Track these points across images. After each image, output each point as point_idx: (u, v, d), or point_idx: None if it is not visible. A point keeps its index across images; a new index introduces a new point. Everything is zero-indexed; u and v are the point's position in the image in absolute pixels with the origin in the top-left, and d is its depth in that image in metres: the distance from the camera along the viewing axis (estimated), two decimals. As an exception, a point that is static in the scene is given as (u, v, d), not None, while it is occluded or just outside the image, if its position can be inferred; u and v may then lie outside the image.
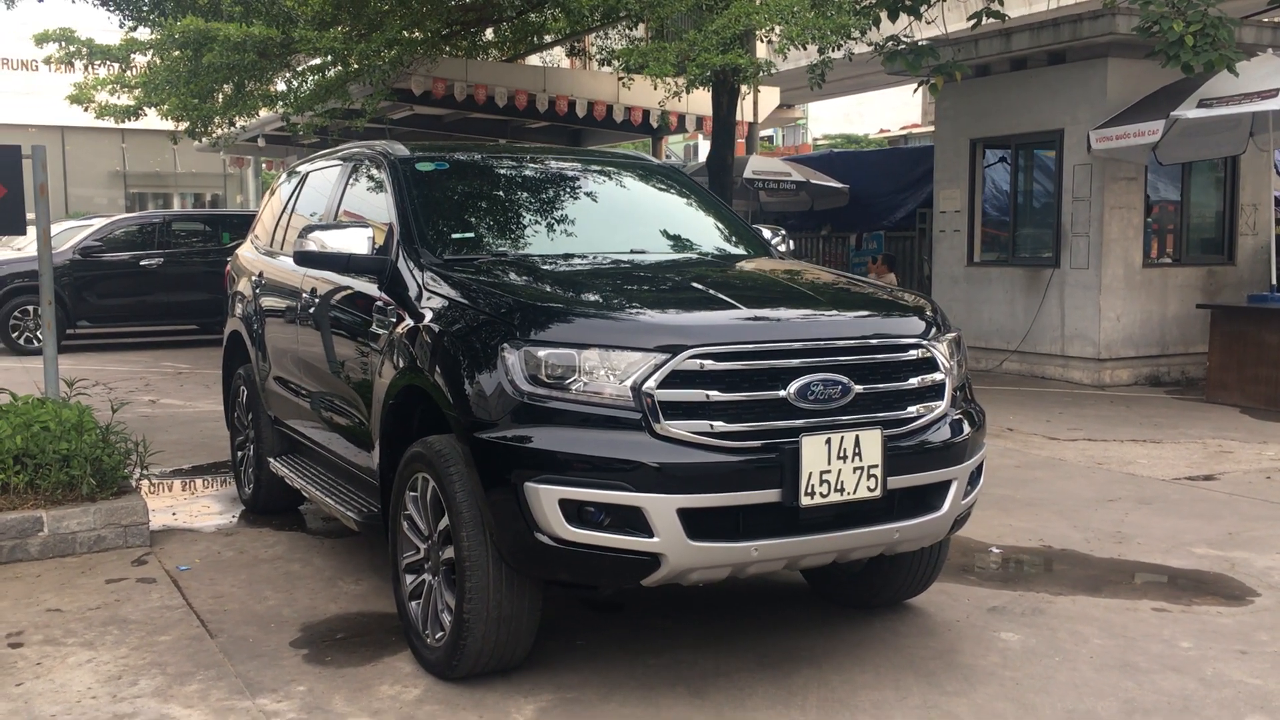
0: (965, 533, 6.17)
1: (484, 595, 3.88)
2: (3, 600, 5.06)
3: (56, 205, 38.04)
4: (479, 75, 17.39)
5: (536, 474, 3.69)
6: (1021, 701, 3.99)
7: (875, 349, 4.03)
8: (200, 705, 3.96)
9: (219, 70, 12.78)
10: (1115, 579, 5.44)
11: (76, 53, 13.64)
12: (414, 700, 3.99)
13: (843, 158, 20.85)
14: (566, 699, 3.99)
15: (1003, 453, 8.38)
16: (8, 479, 5.80)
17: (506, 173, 5.47)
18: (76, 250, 16.01)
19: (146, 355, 15.26)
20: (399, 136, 23.53)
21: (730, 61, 10.26)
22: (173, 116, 14.44)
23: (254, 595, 5.16)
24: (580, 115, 18.42)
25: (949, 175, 13.59)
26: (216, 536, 6.19)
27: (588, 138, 23.99)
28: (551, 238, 5.05)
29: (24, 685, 4.13)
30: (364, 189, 5.41)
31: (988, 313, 13.11)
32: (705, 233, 5.44)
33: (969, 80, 12.90)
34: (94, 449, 5.98)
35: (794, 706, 3.94)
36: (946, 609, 4.96)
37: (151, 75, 14.13)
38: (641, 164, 5.92)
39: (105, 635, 4.63)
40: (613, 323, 3.86)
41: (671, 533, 3.64)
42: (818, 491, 3.76)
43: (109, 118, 14.73)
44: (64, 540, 5.74)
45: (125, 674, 4.23)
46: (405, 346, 4.35)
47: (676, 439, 3.68)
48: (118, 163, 39.45)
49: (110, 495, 5.97)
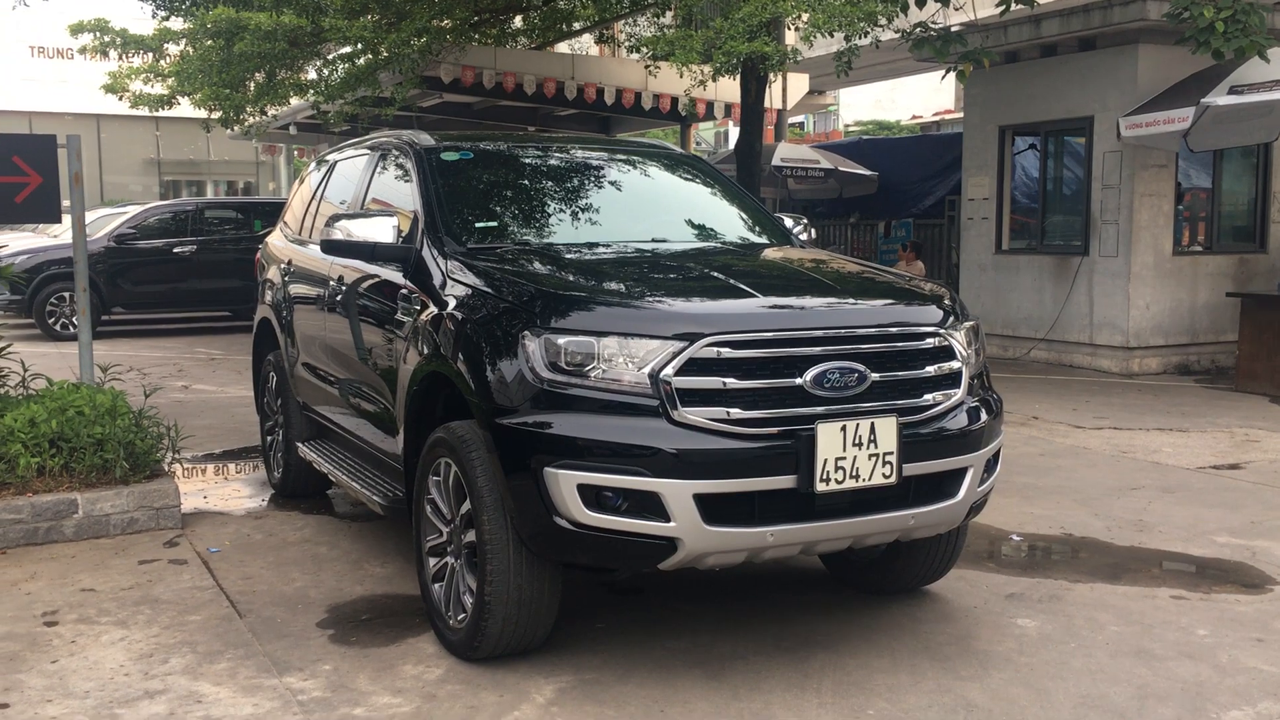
0: (986, 520, 6.20)
1: (505, 578, 3.96)
2: (39, 580, 5.18)
3: (92, 193, 38.50)
4: (507, 63, 17.45)
5: (556, 459, 3.75)
6: (1036, 686, 4.03)
7: (892, 337, 4.06)
8: (229, 683, 4.05)
9: (250, 59, 12.90)
10: (1135, 567, 5.45)
11: (111, 43, 13.80)
12: (436, 680, 4.08)
13: (872, 145, 20.78)
14: (585, 680, 4.07)
15: (1027, 441, 8.38)
16: (44, 462, 5.93)
17: (530, 162, 5.53)
18: (111, 237, 16.22)
19: (180, 341, 15.46)
20: (429, 125, 23.70)
21: (756, 49, 10.25)
22: (205, 105, 14.58)
23: (282, 577, 5.26)
24: (609, 103, 18.45)
25: (977, 163, 13.54)
26: (246, 519, 6.30)
27: (617, 125, 24.02)
28: (574, 226, 5.11)
29: (59, 663, 4.24)
30: (390, 178, 5.48)
31: (1016, 301, 13.08)
32: (727, 221, 5.49)
33: (998, 67, 12.83)
34: (127, 433, 6.10)
35: (809, 690, 3.99)
36: (964, 595, 4.99)
37: (184, 64, 14.27)
38: (666, 153, 5.97)
39: (138, 615, 4.74)
40: (631, 311, 3.92)
41: (687, 517, 3.70)
42: (833, 478, 3.81)
43: (143, 107, 14.89)
44: (98, 522, 5.87)
45: (157, 652, 4.34)
46: (430, 334, 4.42)
47: (693, 425, 3.73)
48: (152, 150, 39.83)
49: (143, 478, 6.09)
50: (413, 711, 3.82)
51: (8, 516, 5.67)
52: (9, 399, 6.55)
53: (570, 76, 18.07)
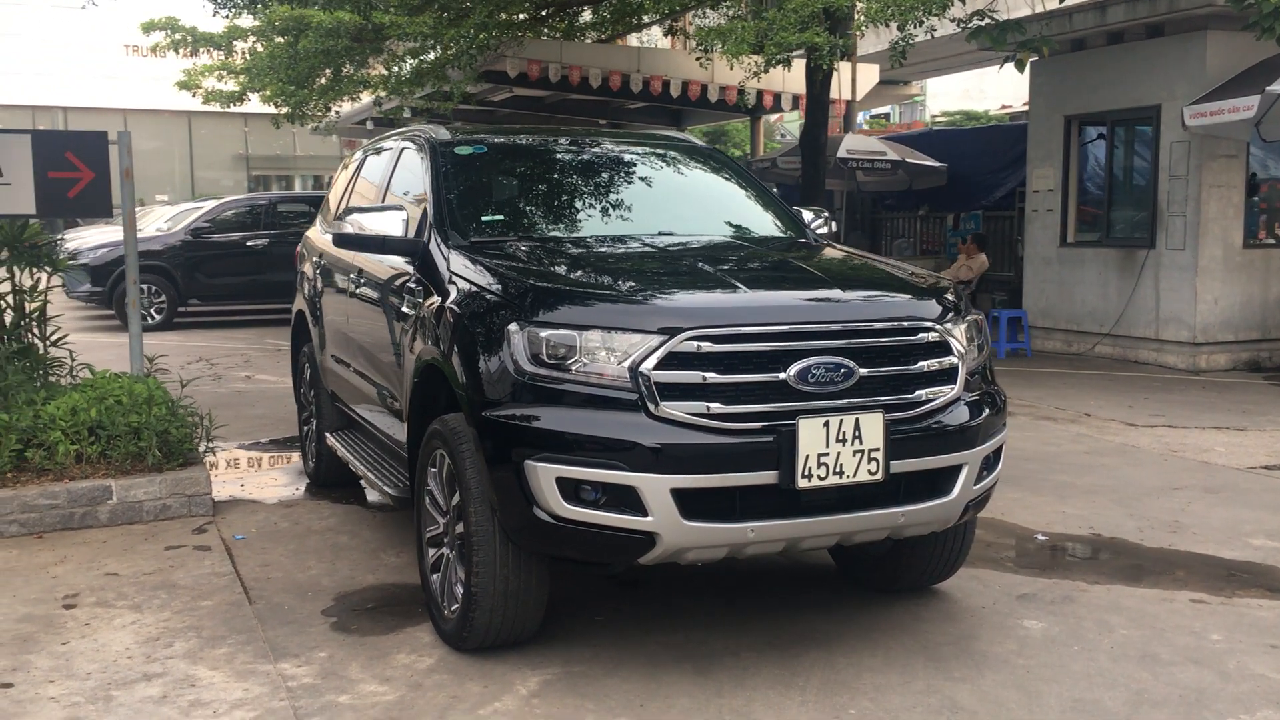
0: (1012, 519, 6.09)
1: (491, 570, 3.99)
2: (67, 564, 5.35)
3: (183, 188, 39.58)
4: (573, 56, 17.51)
5: (536, 452, 3.77)
6: (1027, 689, 3.94)
7: (882, 332, 4.00)
8: (225, 667, 4.14)
9: (314, 56, 13.12)
10: (1159, 569, 5.31)
11: (182, 40, 14.14)
12: (425, 670, 4.12)
13: (942, 136, 20.44)
14: (572, 672, 4.08)
15: (1074, 438, 8.20)
16: (82, 449, 6.11)
17: (544, 156, 5.55)
18: (188, 231, 16.65)
19: (251, 332, 15.80)
20: (502, 119, 23.91)
21: (808, 40, 10.17)
22: (272, 102, 14.88)
23: (298, 565, 5.36)
24: (674, 95, 18.41)
25: (1042, 153, 13.26)
26: (276, 508, 6.43)
27: (686, 118, 23.97)
28: (580, 220, 5.12)
29: (69, 644, 4.37)
30: (408, 172, 5.54)
31: (1080, 295, 12.79)
32: (738, 215, 5.45)
33: (1063, 55, 12.56)
34: (162, 422, 6.25)
35: (794, 687, 3.96)
36: (974, 595, 4.91)
37: (254, 61, 14.57)
38: (685, 146, 5.94)
39: (153, 599, 4.87)
40: (614, 304, 3.91)
41: (665, 512, 3.69)
42: (815, 474, 3.77)
43: (215, 103, 15.24)
44: (131, 508, 6.03)
45: (163, 636, 4.45)
46: (431, 326, 4.46)
47: (672, 420, 3.72)
48: (240, 146, 40.79)
49: (176, 466, 6.24)
50: (396, 700, 3.87)
51: (45, 502, 5.85)
52: (55, 387, 6.75)
53: (636, 69, 18.08)
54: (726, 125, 35.80)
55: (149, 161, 41.78)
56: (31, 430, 6.05)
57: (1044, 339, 13.25)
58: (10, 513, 5.78)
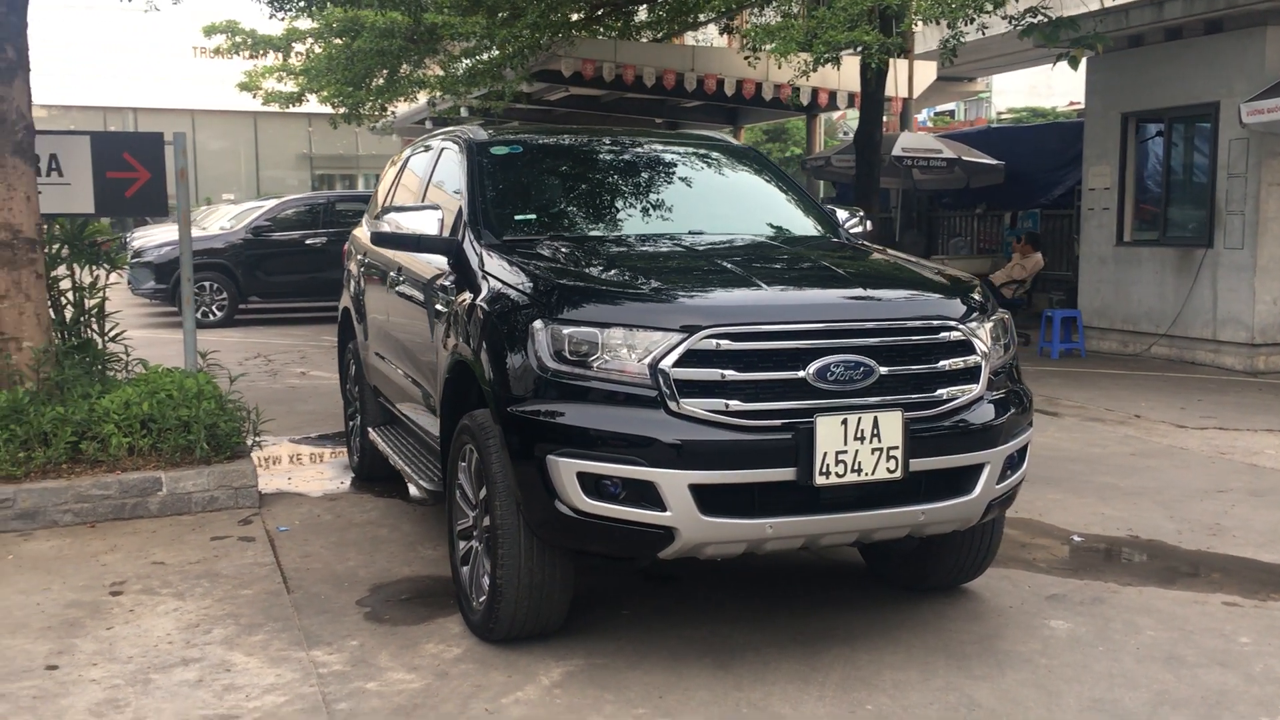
0: (1050, 520, 6.06)
1: (515, 563, 4.07)
2: (117, 552, 5.52)
3: (249, 186, 40.27)
4: (627, 55, 17.58)
5: (558, 447, 3.84)
6: (1047, 689, 3.94)
7: (902, 331, 4.02)
8: (259, 654, 4.27)
9: (370, 56, 13.32)
10: (1194, 571, 5.26)
11: (243, 43, 14.43)
12: (452, 659, 4.21)
13: (1000, 133, 20.27)
14: (595, 664, 4.15)
15: (1121, 440, 8.12)
16: (134, 442, 6.29)
17: (580, 156, 5.63)
18: (248, 230, 16.98)
19: (308, 330, 16.07)
20: (559, 118, 24.06)
21: (856, 39, 10.15)
22: (330, 102, 15.13)
23: (338, 556, 5.48)
24: (729, 94, 18.42)
25: (1099, 151, 13.11)
26: (321, 501, 6.57)
27: (743, 116, 23.98)
28: (613, 220, 5.18)
29: (113, 629, 4.52)
30: (447, 171, 5.64)
31: (1136, 294, 12.62)
32: (770, 214, 5.47)
33: (1120, 51, 12.41)
34: (211, 416, 6.41)
35: (814, 682, 3.99)
36: (1003, 595, 4.90)
37: (312, 63, 14.83)
38: (722, 145, 5.98)
39: (196, 587, 5.01)
40: (636, 303, 3.97)
41: (683, 508, 3.74)
42: (833, 471, 3.80)
43: (274, 104, 15.54)
44: (180, 499, 6.20)
45: (203, 623, 4.59)
46: (463, 323, 4.55)
47: (691, 417, 3.77)
48: (304, 145, 41.45)
49: (224, 459, 6.40)
50: (422, 688, 3.96)
51: (97, 492, 6.04)
52: (112, 381, 6.95)
53: (690, 68, 18.11)
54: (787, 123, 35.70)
55: (216, 161, 42.63)
56: (86, 423, 6.23)
57: (1099, 339, 13.09)
58: (65, 503, 5.97)
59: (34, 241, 6.48)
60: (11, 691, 3.93)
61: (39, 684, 3.99)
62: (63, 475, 6.10)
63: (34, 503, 5.92)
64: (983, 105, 57.61)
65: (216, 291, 16.68)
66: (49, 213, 7.38)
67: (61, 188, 7.42)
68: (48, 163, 7.38)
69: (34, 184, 6.54)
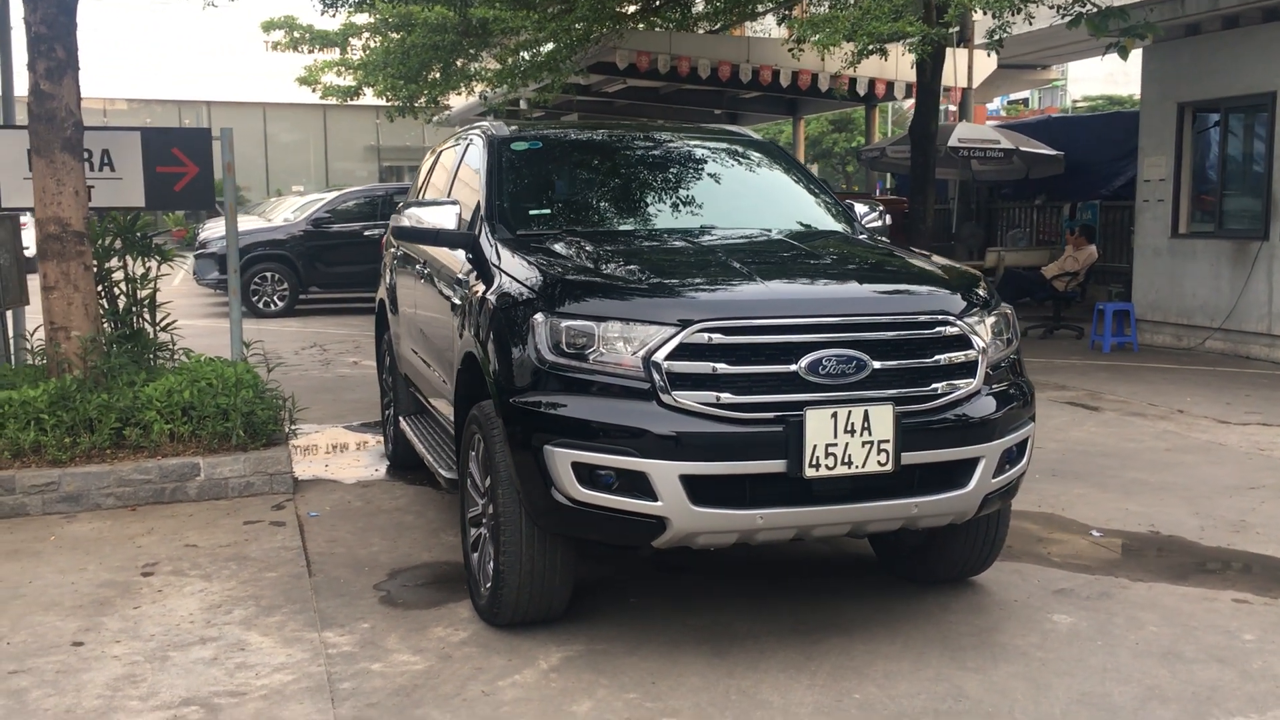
0: (1070, 514, 6.04)
1: (516, 549, 4.18)
2: (153, 535, 5.73)
3: (318, 178, 40.91)
4: (682, 47, 17.63)
5: (554, 438, 3.94)
6: (1038, 681, 3.97)
7: (895, 326, 4.05)
8: (274, 634, 4.43)
9: (423, 50, 13.52)
10: (1209, 568, 5.23)
11: (300, 38, 14.72)
12: (458, 643, 4.34)
13: (1060, 123, 19.98)
14: (595, 650, 4.25)
15: (1159, 435, 8.04)
16: (175, 428, 6.51)
17: (599, 152, 5.71)
18: (309, 221, 17.33)
19: (365, 320, 16.24)
20: (619, 110, 24.13)
21: (900, 29, 10.11)
22: (384, 95, 15.37)
23: (362, 541, 5.64)
24: (784, 85, 18.39)
25: (1154, 141, 12.91)
26: (354, 488, 6.74)
27: (802, 107, 23.92)
28: (625, 215, 5.27)
29: (140, 609, 4.71)
30: (471, 165, 5.76)
31: (1190, 287, 12.42)
32: (785, 209, 5.52)
33: (1176, 40, 12.20)
34: (249, 404, 6.62)
35: (806, 671, 4.06)
36: (1011, 589, 4.91)
37: (369, 57, 15.08)
38: (742, 140, 6.03)
39: (223, 569, 5.20)
40: (632, 297, 4.05)
41: (674, 498, 3.83)
42: (823, 464, 3.86)
43: (332, 98, 15.82)
44: (218, 485, 6.41)
45: (225, 604, 4.76)
46: (474, 315, 4.67)
47: (683, 409, 3.85)
48: (372, 138, 42.04)
49: (260, 446, 6.60)
50: (424, 670, 4.09)
51: (138, 477, 6.27)
52: (157, 370, 7.19)
53: (746, 59, 18.12)
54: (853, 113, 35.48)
55: (287, 153, 43.42)
56: (130, 410, 6.46)
57: (1153, 333, 12.91)
58: (107, 486, 6.21)
59: (82, 234, 6.71)
60: (38, 666, 4.12)
61: (64, 659, 4.18)
62: (106, 460, 6.33)
63: (78, 486, 6.16)
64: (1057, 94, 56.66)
65: (278, 282, 17.05)
66: (102, 206, 7.66)
67: (113, 182, 7.67)
68: (100, 157, 7.65)
69: (83, 179, 6.77)
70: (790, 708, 3.78)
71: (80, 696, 3.87)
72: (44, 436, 6.25)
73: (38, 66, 6.59)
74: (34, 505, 6.08)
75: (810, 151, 42.71)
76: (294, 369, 11.71)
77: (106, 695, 3.88)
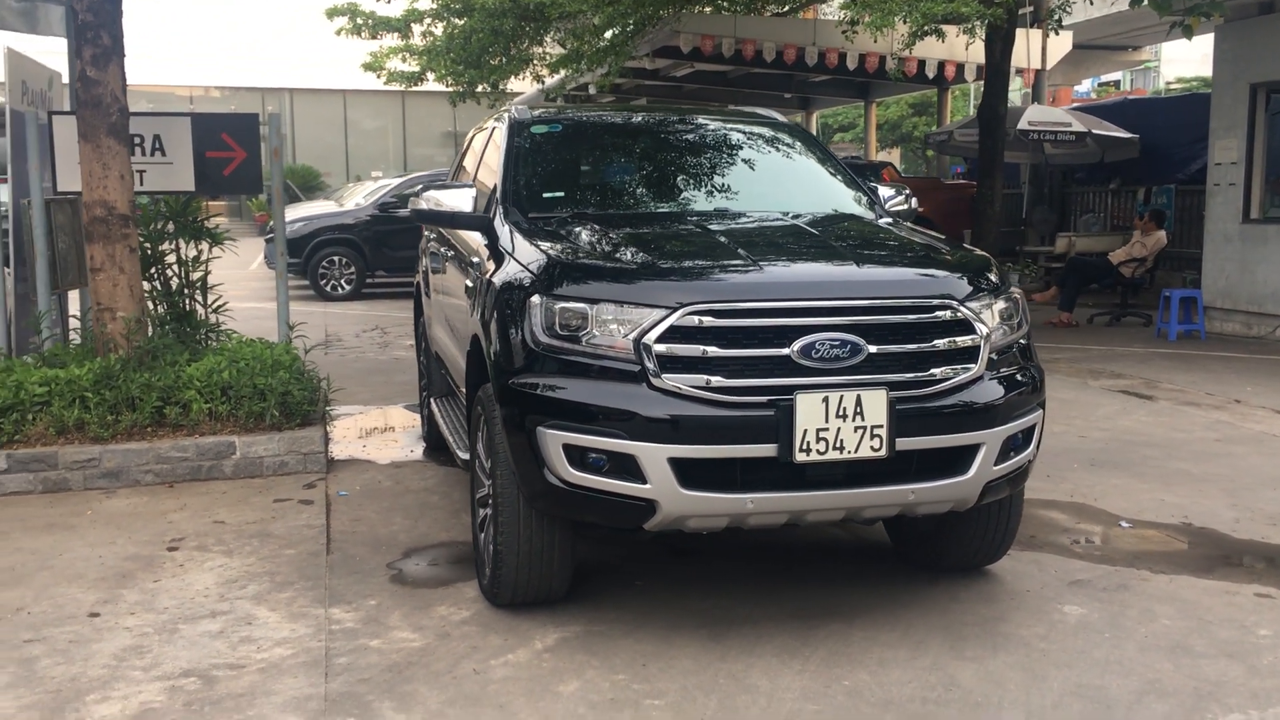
0: (1102, 504, 5.91)
1: (514, 530, 4.21)
2: (185, 511, 5.87)
3: (396, 163, 41.41)
4: (746, 30, 17.51)
5: (547, 419, 3.96)
6: (1034, 672, 3.90)
7: (893, 309, 4.00)
8: (282, 610, 4.51)
9: (484, 36, 13.61)
10: (1238, 561, 5.08)
11: (363, 25, 14.90)
12: (459, 621, 4.38)
13: (1135, 105, 19.48)
14: (592, 631, 4.26)
15: (1210, 425, 7.82)
16: (214, 407, 6.66)
17: (618, 135, 5.71)
18: (375, 206, 17.56)
19: (429, 303, 16.53)
20: (687, 94, 24.05)
21: (954, 10, 9.93)
22: (444, 80, 15.51)
23: (384, 520, 5.72)
24: (851, 68, 18.18)
25: (1226, 123, 12.54)
26: (386, 468, 6.84)
27: (873, 90, 23.64)
28: (638, 198, 5.26)
29: (159, 582, 4.84)
30: (494, 149, 5.79)
31: (1263, 274, 12.04)
32: (805, 192, 5.45)
33: (1250, 19, 11.82)
34: (285, 385, 6.74)
35: (799, 656, 4.03)
36: (1025, 578, 4.83)
37: (433, 43, 15.22)
38: (768, 122, 5.98)
39: (245, 546, 5.31)
40: (625, 279, 4.04)
41: (663, 480, 3.82)
42: (814, 448, 3.82)
43: (396, 84, 16.00)
44: (253, 463, 6.54)
45: (241, 579, 4.87)
46: (481, 296, 4.71)
47: (672, 391, 3.84)
48: (449, 123, 42.32)
49: (294, 426, 6.72)
50: (420, 647, 4.14)
51: (176, 454, 6.42)
52: (201, 350, 7.35)
53: (811, 42, 17.94)
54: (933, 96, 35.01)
55: (367, 139, 44.00)
56: (171, 389, 6.62)
57: (1222, 321, 12.55)
58: (146, 463, 6.37)
59: (127, 217, 6.87)
60: (52, 635, 4.25)
61: (78, 629, 4.31)
62: (146, 438, 6.49)
63: (118, 463, 6.33)
64: (1149, 75, 55.20)
65: (345, 266, 17.32)
66: (153, 190, 7.84)
67: (165, 167, 7.85)
68: (152, 143, 7.83)
69: (128, 163, 6.93)
70: (777, 693, 3.76)
71: (87, 666, 3.98)
72: (87, 414, 6.43)
73: (84, 53, 6.76)
74: (75, 481, 6.26)
75: (890, 135, 42.18)
76: (351, 351, 11.92)
77: (111, 665, 3.99)
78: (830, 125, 45.23)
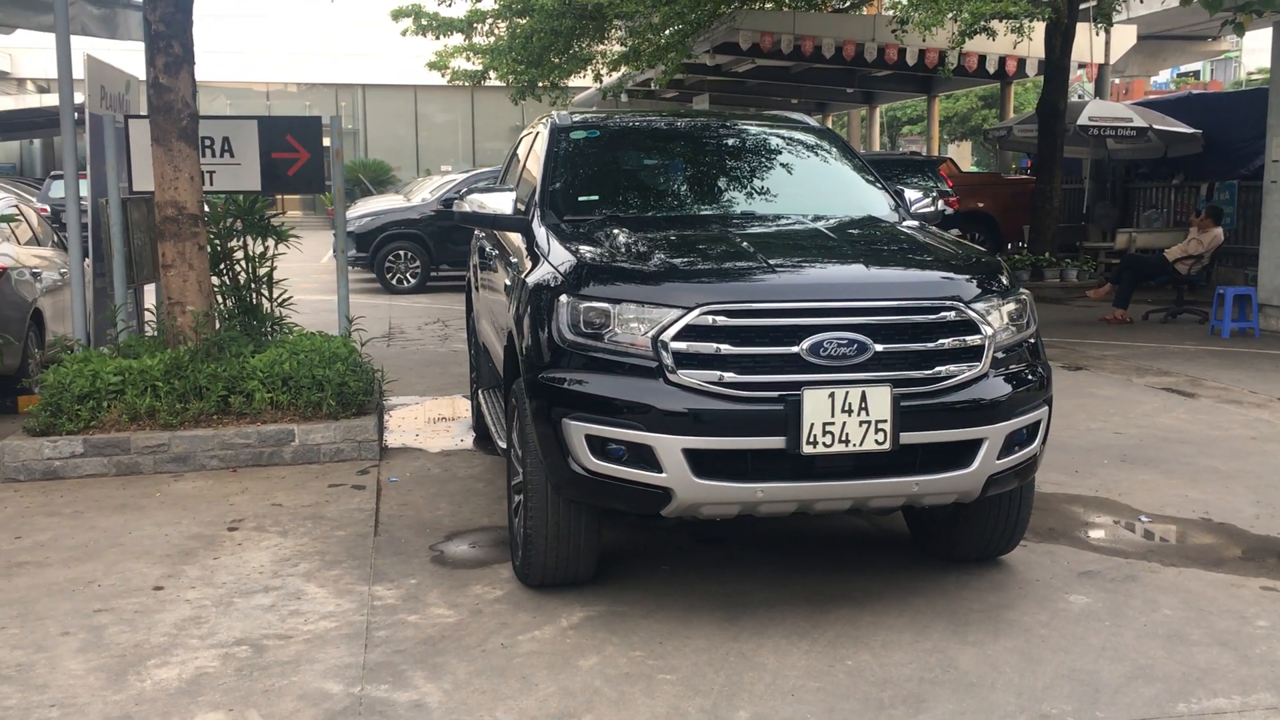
0: (1124, 499, 6.06)
1: (542, 515, 4.49)
2: (246, 494, 6.24)
3: (465, 157, 41.98)
4: (805, 27, 17.64)
5: (571, 412, 4.23)
6: (1031, 656, 4.09)
7: (899, 310, 4.21)
8: (330, 586, 4.84)
9: (544, 35, 13.92)
10: (1249, 556, 5.21)
11: (428, 25, 15.30)
12: (492, 600, 4.68)
13: (1200, 100, 19.28)
14: (615, 612, 4.53)
15: (1248, 423, 7.88)
16: (275, 396, 7.03)
17: (654, 139, 5.97)
18: (440, 201, 17.98)
19: (491, 296, 16.90)
20: (750, 90, 24.17)
21: (1003, 9, 10.02)
22: (506, 80, 15.85)
23: (430, 505, 6.04)
24: (910, 63, 18.23)
25: (1284, 120, 12.41)
26: (436, 456, 7.17)
27: (937, 85, 23.57)
28: (668, 201, 5.51)
29: (219, 559, 5.20)
30: (537, 152, 6.07)
31: (1319, 272, 11.95)
32: (827, 195, 5.65)
33: (1309, 14, 11.71)
34: (341, 375, 7.10)
35: (807, 638, 4.26)
36: (1036, 569, 5.01)
37: (495, 43, 15.57)
38: (799, 126, 6.19)
39: (299, 527, 5.66)
40: (646, 280, 4.30)
41: (678, 470, 4.08)
42: (820, 441, 4.05)
43: (460, 81, 16.37)
44: (310, 450, 6.91)
45: (293, 557, 5.21)
46: (516, 294, 5.00)
47: (687, 386, 4.09)
48: (517, 118, 42.88)
49: (350, 415, 7.08)
50: (454, 623, 4.44)
51: (239, 441, 6.81)
52: (267, 342, 7.74)
53: (870, 38, 18.03)
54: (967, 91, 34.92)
55: (438, 134, 44.72)
56: (236, 379, 7.01)
57: (1279, 319, 12.47)
58: (211, 449, 6.76)
59: (196, 217, 7.27)
60: (120, 606, 4.62)
61: (143, 601, 4.67)
62: (212, 425, 6.89)
63: (185, 449, 6.73)
64: (1230, 66, 54.09)
65: (410, 260, 17.77)
66: (222, 190, 8.25)
67: (233, 168, 8.25)
68: (221, 144, 8.23)
69: (197, 165, 7.33)
70: (783, 670, 4.00)
71: (150, 634, 4.34)
72: (158, 402, 6.84)
73: (157, 61, 7.16)
74: (146, 464, 6.67)
75: (960, 128, 41.91)
76: (413, 343, 12.32)
77: (172, 633, 4.34)
78: (899, 118, 45.05)
